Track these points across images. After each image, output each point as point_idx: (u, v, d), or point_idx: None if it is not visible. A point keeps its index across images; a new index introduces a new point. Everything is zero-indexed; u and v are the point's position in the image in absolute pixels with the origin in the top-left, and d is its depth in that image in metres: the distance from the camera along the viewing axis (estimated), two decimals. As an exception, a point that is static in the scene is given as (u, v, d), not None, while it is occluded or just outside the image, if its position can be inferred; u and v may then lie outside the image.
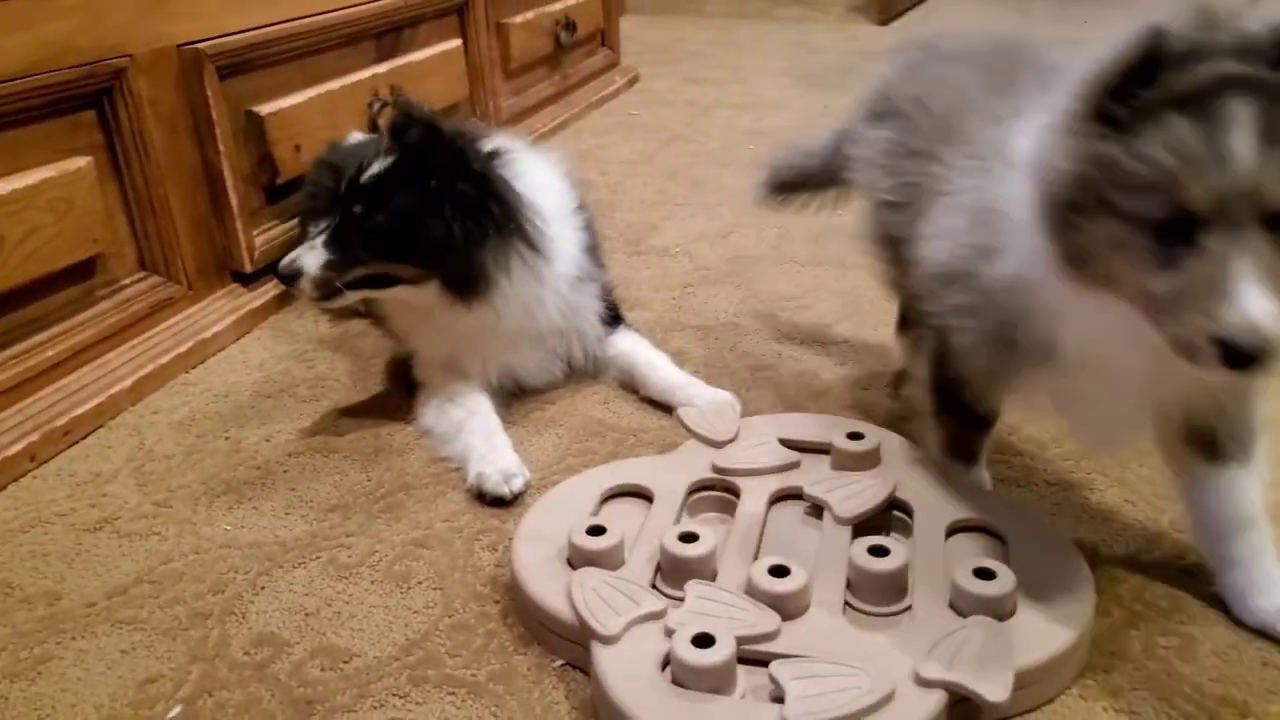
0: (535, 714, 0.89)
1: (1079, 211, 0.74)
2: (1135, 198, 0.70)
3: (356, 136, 1.79)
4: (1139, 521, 1.10)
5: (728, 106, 3.17)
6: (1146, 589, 0.99)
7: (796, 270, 1.85)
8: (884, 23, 4.36)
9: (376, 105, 1.96)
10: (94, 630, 1.02)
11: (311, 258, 1.26)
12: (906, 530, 1.04)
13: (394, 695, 0.91)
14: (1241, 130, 0.67)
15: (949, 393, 1.06)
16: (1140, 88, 0.70)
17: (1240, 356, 0.68)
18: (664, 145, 2.76)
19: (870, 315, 1.64)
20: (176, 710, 0.91)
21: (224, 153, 1.60)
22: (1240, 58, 0.69)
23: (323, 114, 1.81)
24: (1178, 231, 0.70)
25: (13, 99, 1.29)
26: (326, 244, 1.27)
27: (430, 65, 2.19)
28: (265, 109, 1.69)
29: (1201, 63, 0.69)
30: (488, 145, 1.34)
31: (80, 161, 1.39)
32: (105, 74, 1.42)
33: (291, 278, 1.27)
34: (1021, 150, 0.82)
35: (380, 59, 2.03)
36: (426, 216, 1.25)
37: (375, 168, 1.27)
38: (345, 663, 0.96)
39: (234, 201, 1.63)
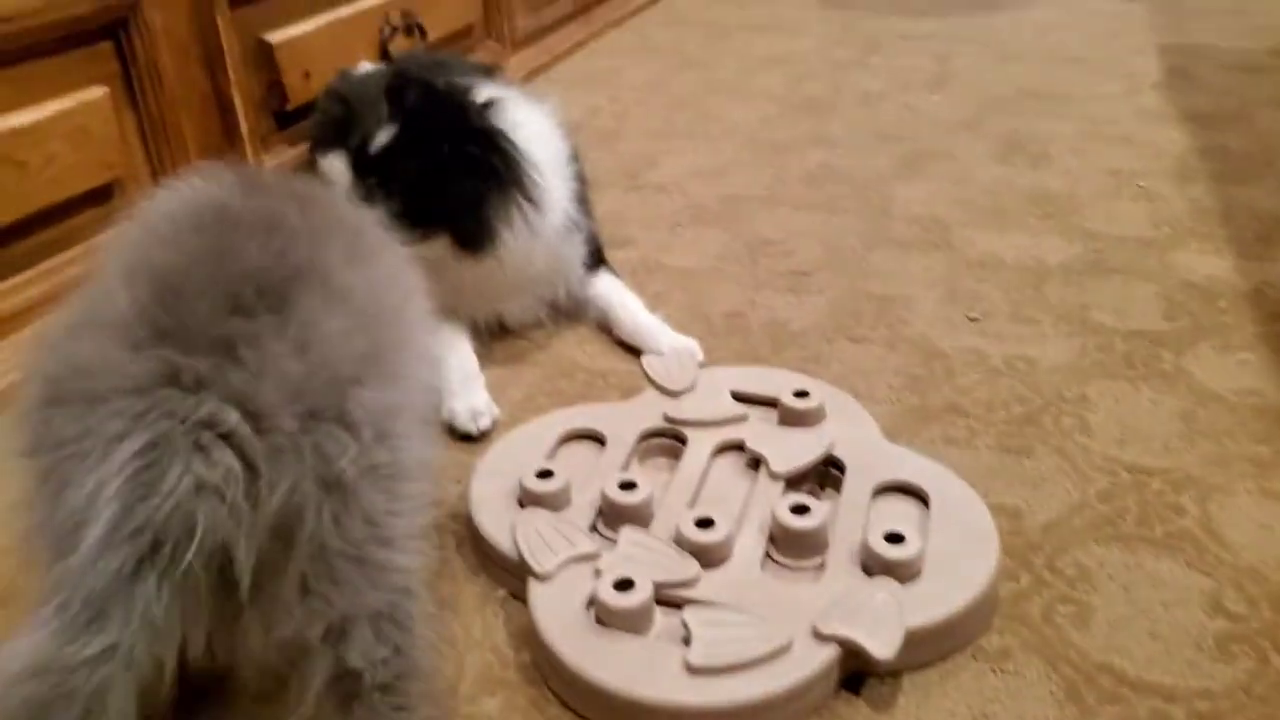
0: (474, 639, 0.98)
1: None
2: None
3: (366, 66, 1.81)
4: (1067, 490, 1.15)
5: (748, 29, 3.13)
6: (1059, 557, 1.06)
7: (787, 214, 1.88)
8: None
9: (387, 31, 1.98)
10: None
11: None
12: (839, 487, 1.10)
13: (348, 616, 1.00)
14: None
15: None
16: None
17: None
18: (677, 71, 2.75)
19: (850, 264, 1.68)
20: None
21: (234, 81, 1.65)
22: None
23: (333, 41, 1.84)
24: None
25: (33, 33, 1.34)
26: None
27: (442, -14, 2.20)
28: (275, 37, 1.72)
29: None
30: (482, 95, 1.37)
31: (98, 91, 1.44)
32: (120, 6, 1.45)
33: None
34: None
35: (390, -19, 2.04)
36: (440, 181, 1.30)
37: (381, 138, 1.30)
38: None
39: (244, 128, 1.68)
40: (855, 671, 0.92)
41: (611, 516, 1.05)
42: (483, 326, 1.46)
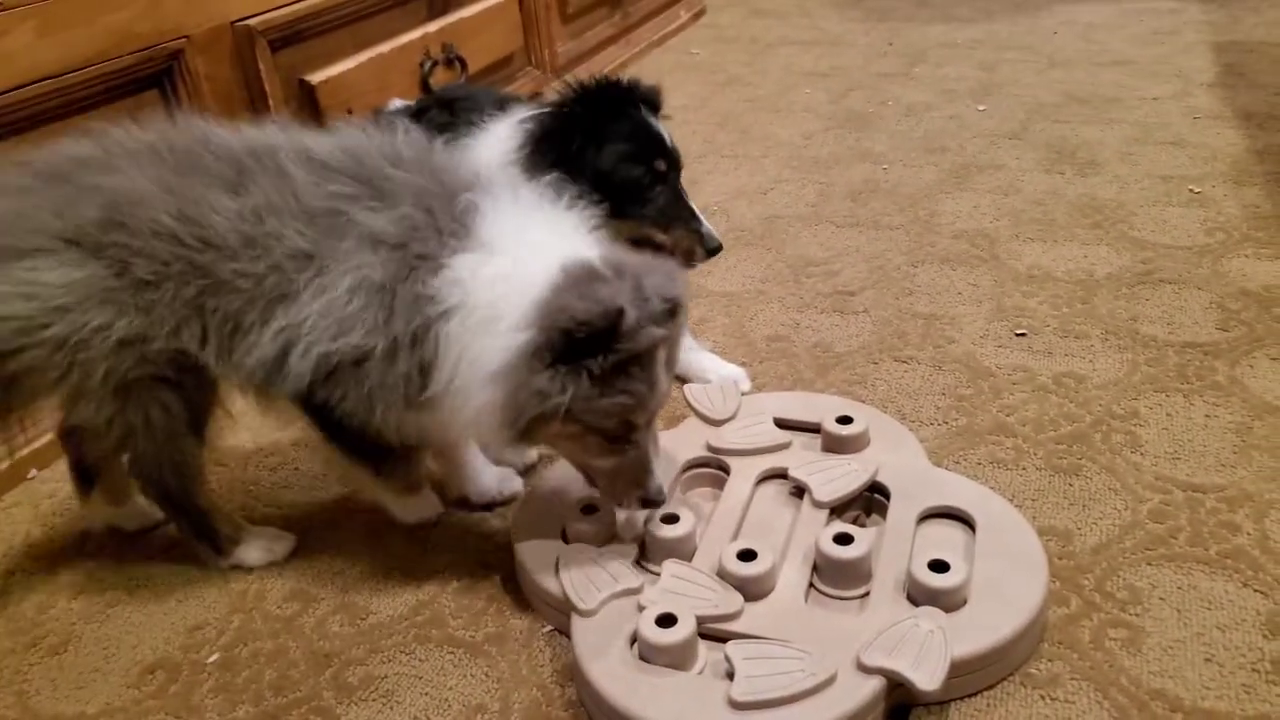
0: (521, 675, 1.00)
1: (544, 420, 0.93)
2: (605, 420, 0.95)
3: (397, 103, 1.86)
4: (1117, 510, 1.13)
5: (791, 44, 3.13)
6: (1109, 579, 1.04)
7: (830, 232, 1.88)
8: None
9: (428, 65, 2.02)
10: (154, 579, 1.17)
11: None
12: (884, 513, 1.10)
13: (401, 652, 1.03)
14: (664, 371, 0.97)
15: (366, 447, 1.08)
16: (608, 350, 0.91)
17: (654, 506, 1.04)
18: (719, 88, 2.76)
19: (895, 282, 1.67)
20: (215, 657, 1.04)
21: (274, 115, 1.70)
22: (658, 322, 0.93)
23: (374, 77, 1.89)
24: (622, 437, 0.97)
25: (81, 86, 1.41)
26: None
27: (483, 19, 2.24)
28: (317, 77, 1.78)
29: (641, 328, 0.91)
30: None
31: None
32: (164, 56, 1.52)
33: None
34: (483, 353, 0.93)
35: (431, 17, 2.09)
36: None
37: None
38: (362, 619, 1.08)
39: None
40: (902, 703, 0.92)
41: (654, 551, 1.06)
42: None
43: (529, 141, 1.33)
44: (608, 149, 1.32)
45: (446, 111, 1.51)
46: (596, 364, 0.91)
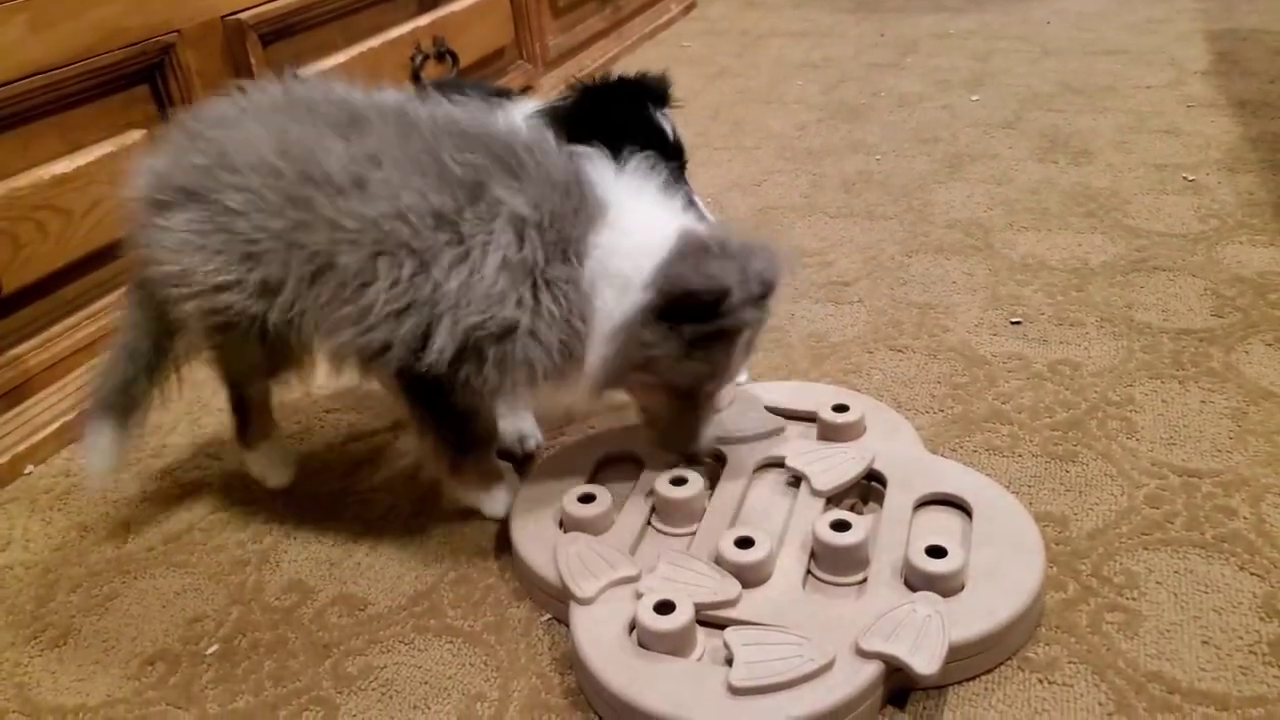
0: (520, 663, 1.00)
1: (635, 368, 1.02)
2: (682, 378, 1.03)
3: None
4: (1114, 496, 1.14)
5: (782, 35, 3.13)
6: (1106, 564, 1.04)
7: (824, 222, 1.88)
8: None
9: (419, 59, 2.02)
10: (153, 572, 1.17)
11: None
12: (881, 501, 1.10)
13: (400, 642, 1.03)
14: (743, 350, 1.05)
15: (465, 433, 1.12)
16: (710, 317, 0.98)
17: (696, 460, 1.14)
18: (711, 80, 2.76)
19: (890, 272, 1.67)
20: (215, 648, 1.04)
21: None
22: (755, 304, 1.01)
23: (365, 71, 1.89)
24: (691, 396, 1.06)
25: (72, 81, 1.40)
26: None
27: (474, 12, 2.24)
28: (308, 71, 1.77)
29: (740, 308, 0.99)
30: None
31: (136, 134, 1.50)
32: (155, 50, 1.51)
33: None
34: (604, 309, 1.00)
35: (422, 11, 2.09)
36: None
37: None
38: (361, 610, 1.08)
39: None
40: (900, 687, 0.92)
41: (665, 513, 1.08)
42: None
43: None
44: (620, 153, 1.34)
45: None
46: (692, 330, 0.98)
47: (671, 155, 1.34)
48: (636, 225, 1.01)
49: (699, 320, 0.98)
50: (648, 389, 1.07)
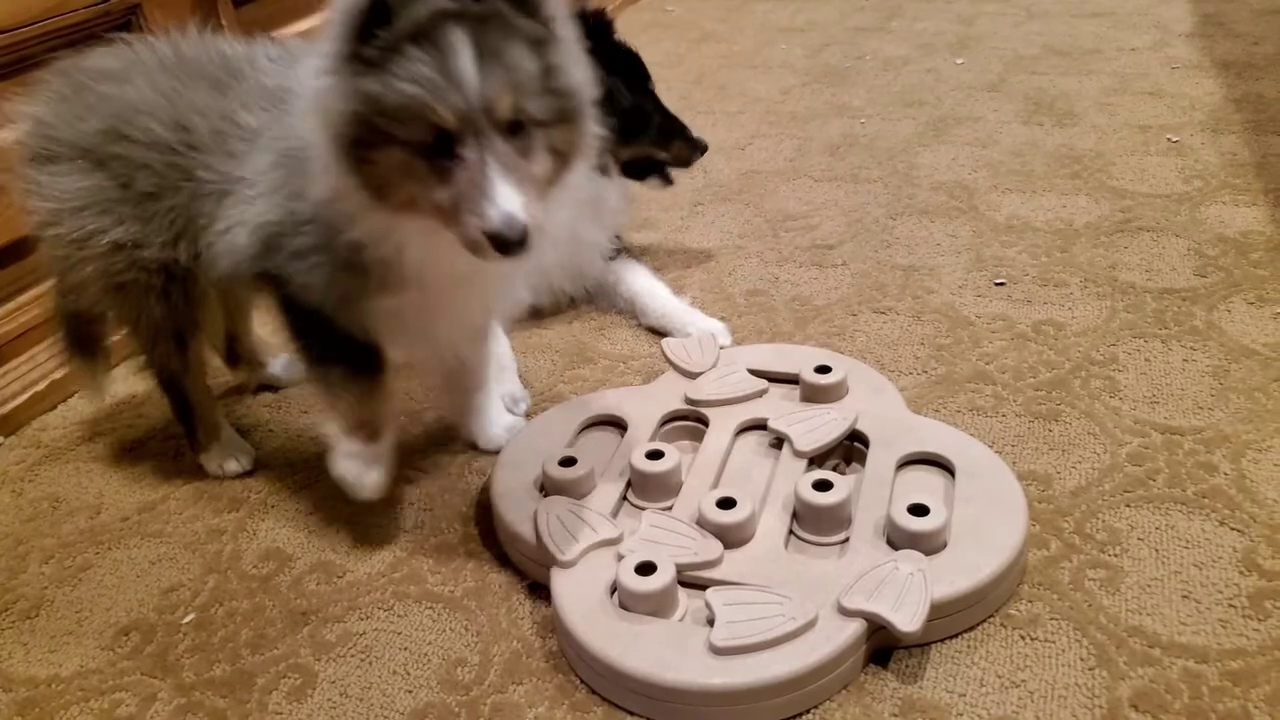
0: (501, 628, 0.99)
1: (364, 146, 0.83)
2: (403, 126, 0.81)
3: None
4: (1096, 454, 1.13)
5: (766, 0, 3.09)
6: (1089, 521, 1.04)
7: (809, 186, 1.86)
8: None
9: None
10: (127, 542, 1.15)
11: None
12: (864, 461, 1.09)
13: (379, 608, 1.02)
14: (463, 56, 0.79)
15: (327, 342, 1.03)
16: (378, 28, 0.79)
17: (508, 244, 0.81)
18: (694, 45, 2.73)
19: (874, 235, 1.66)
20: (191, 617, 1.03)
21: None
22: None
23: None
24: (443, 149, 0.81)
25: (35, 41, 1.36)
26: None
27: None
28: (280, 34, 1.74)
29: (420, 1, 0.79)
30: None
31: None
32: (121, 10, 1.48)
33: None
34: (304, 95, 0.89)
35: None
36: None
37: None
38: (339, 577, 1.07)
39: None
40: (883, 645, 0.91)
41: (641, 488, 1.06)
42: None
43: None
44: (616, 80, 1.35)
45: None
46: (370, 49, 0.80)
47: (648, 76, 1.41)
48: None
49: (371, 33, 0.80)
50: (405, 173, 0.84)
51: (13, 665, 1.00)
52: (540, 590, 1.02)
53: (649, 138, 1.46)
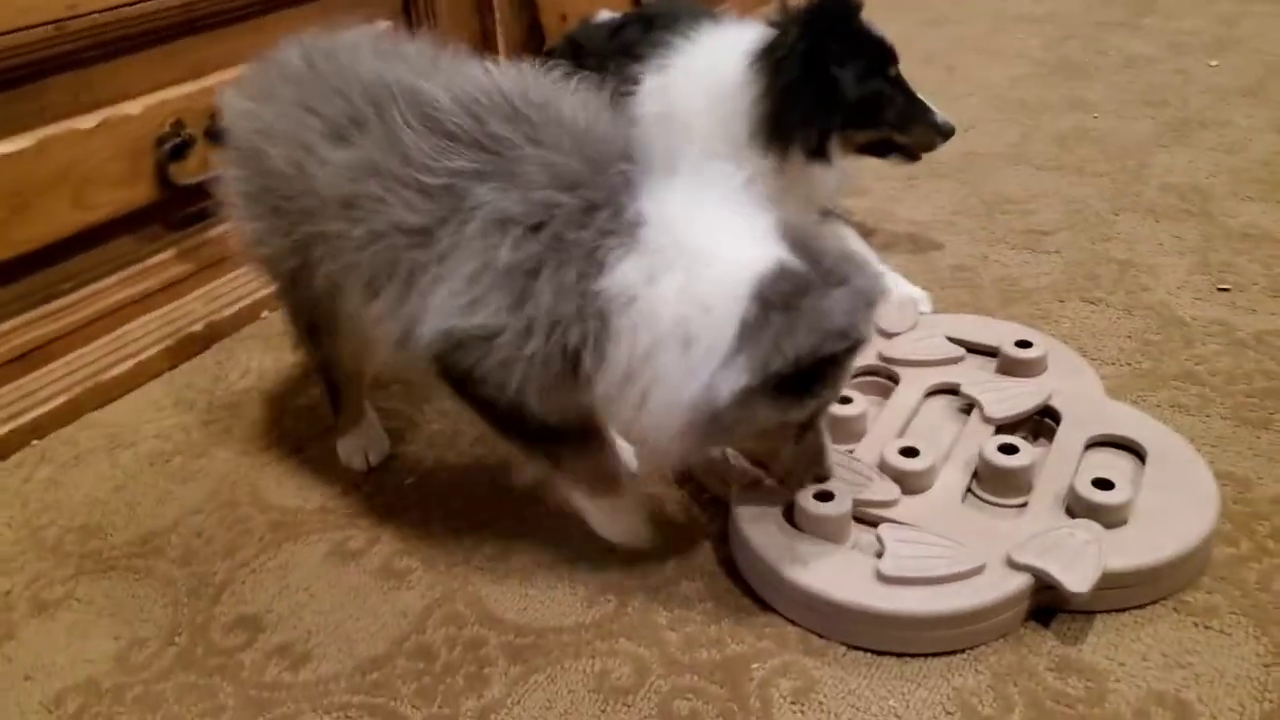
0: (684, 534, 1.07)
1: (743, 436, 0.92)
2: (799, 420, 0.90)
3: (605, 14, 1.93)
4: (1306, 465, 1.09)
5: (1008, -14, 3.01)
6: (1286, 529, 1.01)
7: (1030, 173, 1.84)
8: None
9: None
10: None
11: None
12: (1053, 439, 1.10)
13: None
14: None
15: (538, 430, 0.95)
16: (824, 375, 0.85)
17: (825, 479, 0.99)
18: (925, 27, 2.70)
19: (1093, 227, 1.62)
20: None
21: (499, 20, 1.81)
22: (867, 323, 0.85)
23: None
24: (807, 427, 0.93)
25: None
26: None
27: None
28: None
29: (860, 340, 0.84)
30: None
31: (383, 24, 1.63)
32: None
33: None
34: (661, 363, 0.83)
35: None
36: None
37: None
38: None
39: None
40: (1049, 605, 0.93)
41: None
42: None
43: (765, 68, 1.38)
44: (848, 69, 1.38)
45: (643, 27, 1.56)
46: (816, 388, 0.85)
47: (896, 64, 1.41)
48: (690, 256, 0.83)
49: (823, 377, 0.85)
50: (758, 438, 0.93)
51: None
52: (721, 504, 1.09)
53: (887, 123, 1.46)
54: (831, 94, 1.40)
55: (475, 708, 0.89)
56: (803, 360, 0.80)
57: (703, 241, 0.84)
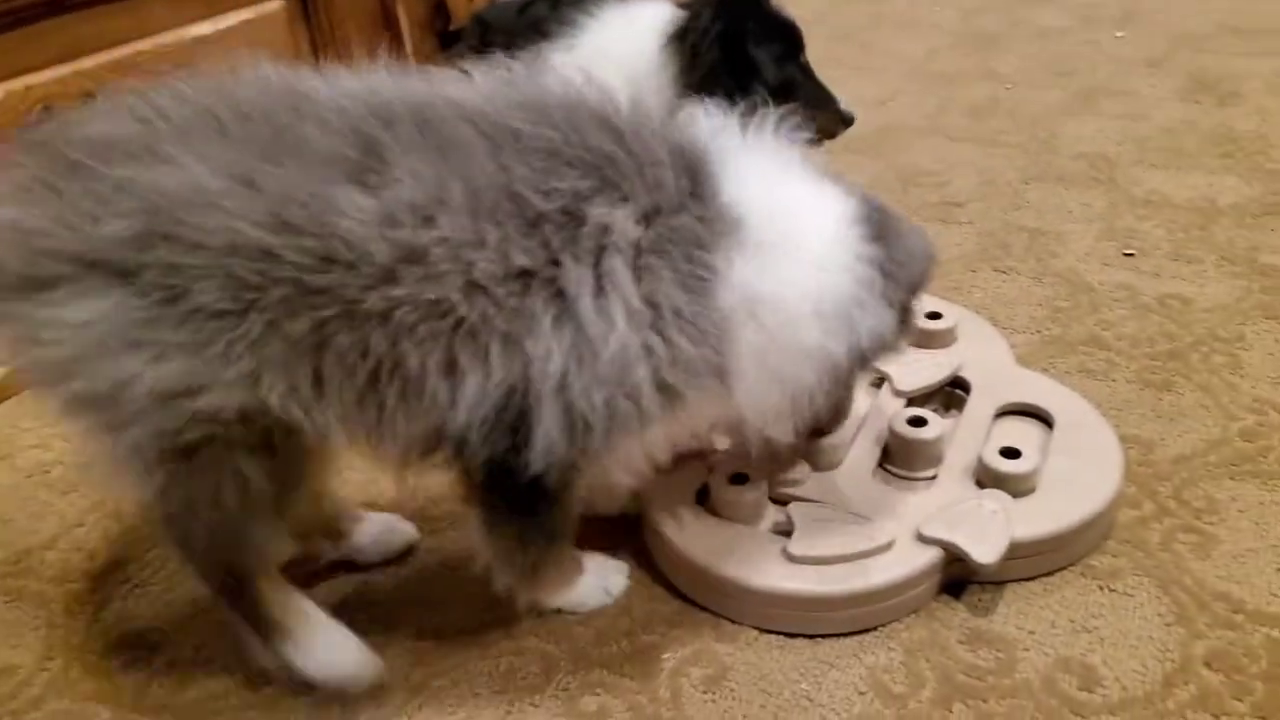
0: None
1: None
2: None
3: (502, -3, 1.88)
4: (1206, 426, 1.11)
5: (924, -38, 3.02)
6: (1188, 489, 1.03)
7: (944, 144, 1.84)
8: None
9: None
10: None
11: None
12: (964, 409, 1.10)
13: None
14: None
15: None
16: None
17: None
18: (843, 3, 2.70)
19: (1005, 197, 1.64)
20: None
21: (401, -1, 1.75)
22: None
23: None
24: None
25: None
26: None
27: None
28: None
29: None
30: None
31: (275, 5, 1.57)
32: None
33: None
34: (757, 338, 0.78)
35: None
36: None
37: None
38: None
39: (409, 46, 1.79)
40: (959, 578, 0.93)
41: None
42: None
43: (681, 48, 1.36)
44: (763, 51, 1.36)
45: (551, 5, 1.53)
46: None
47: (801, 44, 1.41)
48: (783, 231, 0.78)
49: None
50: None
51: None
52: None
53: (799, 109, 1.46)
54: (749, 76, 1.38)
55: (372, 718, 0.86)
56: (917, 286, 0.87)
57: (791, 207, 0.81)
